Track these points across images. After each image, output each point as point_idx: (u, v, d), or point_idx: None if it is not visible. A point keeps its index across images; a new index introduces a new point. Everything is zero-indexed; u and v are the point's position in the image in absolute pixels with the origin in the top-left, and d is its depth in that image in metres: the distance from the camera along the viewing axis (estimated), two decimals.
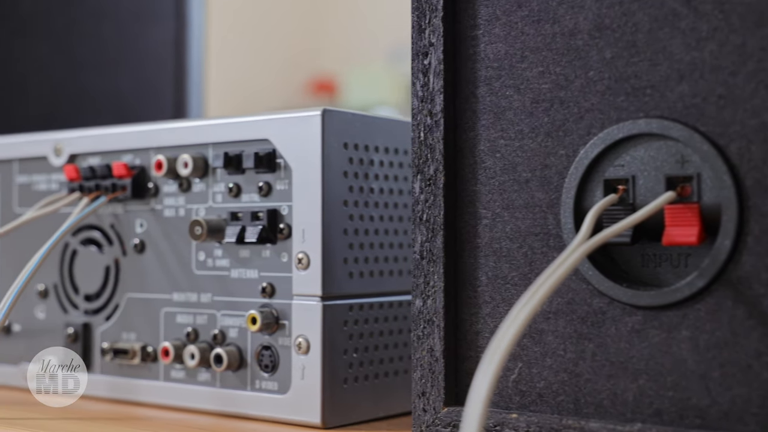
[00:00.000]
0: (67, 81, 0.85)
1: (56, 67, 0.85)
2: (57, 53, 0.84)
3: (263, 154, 0.50)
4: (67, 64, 0.85)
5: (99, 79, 0.88)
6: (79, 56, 0.86)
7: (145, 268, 0.56)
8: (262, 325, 0.50)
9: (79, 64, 0.86)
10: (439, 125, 0.44)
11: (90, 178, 0.57)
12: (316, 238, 0.48)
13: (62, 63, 0.85)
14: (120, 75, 0.89)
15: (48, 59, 0.84)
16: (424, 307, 0.44)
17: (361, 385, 0.50)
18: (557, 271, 0.36)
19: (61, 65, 0.85)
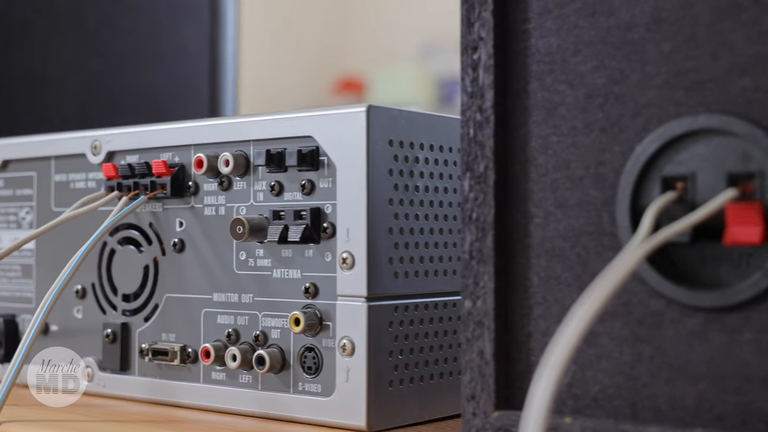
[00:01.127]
0: (102, 79, 0.85)
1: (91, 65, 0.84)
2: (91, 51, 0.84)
3: (306, 152, 0.49)
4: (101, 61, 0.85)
5: (133, 76, 0.87)
6: (113, 54, 0.86)
7: (185, 268, 0.55)
8: (306, 326, 0.49)
9: (113, 61, 0.86)
10: (489, 121, 0.43)
11: (128, 177, 0.56)
12: (361, 238, 0.47)
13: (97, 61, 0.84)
14: (155, 72, 0.89)
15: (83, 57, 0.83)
16: (473, 308, 0.43)
17: (406, 387, 0.49)
18: (618, 271, 0.35)
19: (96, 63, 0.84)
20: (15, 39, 0.79)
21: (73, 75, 0.83)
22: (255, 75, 2.91)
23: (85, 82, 0.84)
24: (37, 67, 0.81)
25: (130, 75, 0.87)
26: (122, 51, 0.86)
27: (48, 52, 0.81)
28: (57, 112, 0.82)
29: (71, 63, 0.83)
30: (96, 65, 0.85)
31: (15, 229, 0.63)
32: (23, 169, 0.63)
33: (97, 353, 0.58)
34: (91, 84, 0.84)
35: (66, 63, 0.82)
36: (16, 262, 0.63)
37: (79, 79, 0.83)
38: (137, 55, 0.87)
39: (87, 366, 0.58)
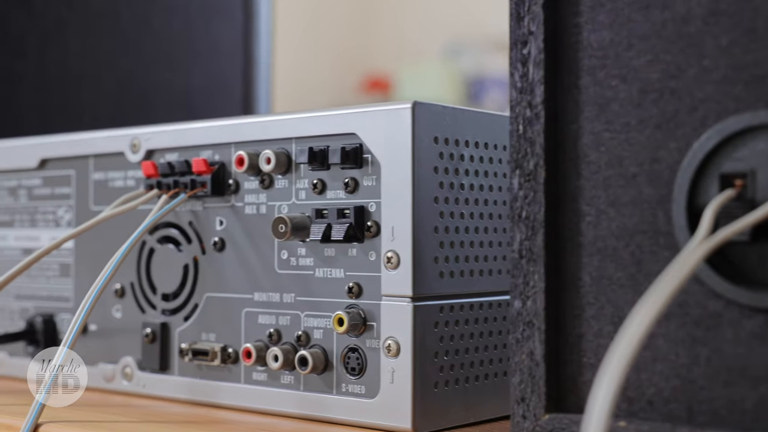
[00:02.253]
0: (136, 77, 0.85)
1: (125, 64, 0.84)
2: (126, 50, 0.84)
3: (350, 149, 0.49)
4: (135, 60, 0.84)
5: (167, 75, 0.87)
6: (147, 53, 0.85)
7: (225, 267, 0.54)
8: (349, 327, 0.48)
9: (147, 60, 0.85)
10: (540, 117, 0.42)
11: (168, 175, 0.56)
12: (406, 237, 0.47)
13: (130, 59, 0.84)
14: (188, 71, 0.88)
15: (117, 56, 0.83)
16: (523, 308, 0.42)
17: (451, 389, 0.48)
18: (678, 273, 0.34)
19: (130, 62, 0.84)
20: (51, 38, 0.79)
21: (107, 74, 0.83)
22: (281, 74, 2.91)
23: (119, 80, 0.83)
24: (72, 66, 0.80)
25: (164, 74, 0.86)
26: (156, 50, 0.86)
27: (83, 51, 0.81)
28: (91, 111, 0.81)
29: (106, 62, 0.83)
30: (130, 64, 0.84)
31: (53, 227, 0.63)
32: (61, 168, 0.63)
33: (136, 353, 0.58)
34: (125, 83, 0.84)
35: (100, 62, 0.82)
36: (54, 261, 0.62)
37: (113, 77, 0.83)
38: (171, 54, 0.87)
39: (126, 366, 0.58)
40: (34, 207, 0.64)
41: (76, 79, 0.81)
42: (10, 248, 0.65)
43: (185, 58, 0.88)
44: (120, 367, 0.58)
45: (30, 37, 0.77)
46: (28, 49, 0.77)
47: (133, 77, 0.84)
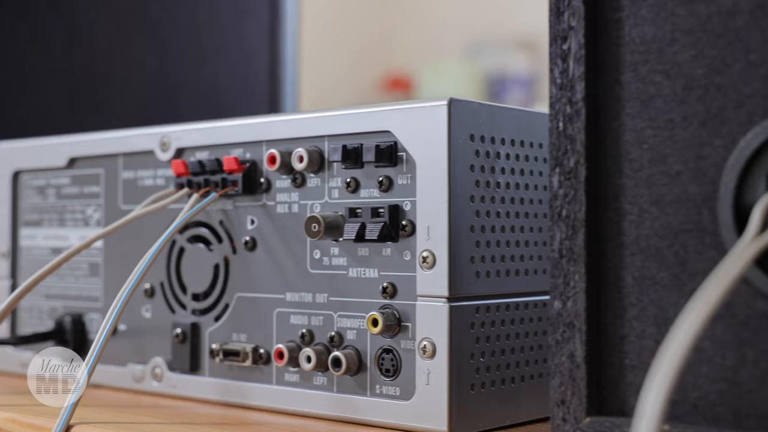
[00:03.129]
0: (162, 76, 0.84)
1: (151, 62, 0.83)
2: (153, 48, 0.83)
3: (384, 147, 0.48)
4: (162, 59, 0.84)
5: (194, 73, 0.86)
6: (174, 51, 0.85)
7: (256, 267, 0.53)
8: (384, 327, 0.47)
9: (174, 58, 0.85)
10: (580, 114, 0.41)
11: (199, 173, 0.55)
12: (442, 236, 0.46)
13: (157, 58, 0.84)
14: (215, 69, 0.88)
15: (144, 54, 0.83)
16: (563, 309, 0.41)
17: (488, 391, 0.47)
18: (728, 274, 0.33)
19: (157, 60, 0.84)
20: (79, 36, 0.78)
21: (134, 72, 0.82)
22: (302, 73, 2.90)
23: (146, 79, 0.83)
24: (99, 64, 0.80)
25: (191, 72, 0.86)
26: (183, 48, 0.85)
27: (110, 49, 0.80)
28: (118, 109, 0.81)
29: (132, 60, 0.82)
30: (157, 62, 0.84)
31: (82, 227, 0.63)
32: (90, 167, 0.62)
33: (166, 353, 0.57)
34: (152, 81, 0.83)
35: (127, 60, 0.82)
36: (83, 261, 0.62)
37: (140, 76, 0.83)
38: (198, 53, 0.87)
39: (156, 366, 0.57)
40: (63, 206, 0.64)
41: (104, 78, 0.80)
42: (39, 247, 0.65)
43: (212, 57, 0.88)
44: (150, 367, 0.58)
45: (58, 35, 0.77)
46: (55, 47, 0.77)
47: (160, 75, 0.84)
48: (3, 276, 0.66)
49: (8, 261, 0.66)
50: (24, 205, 0.66)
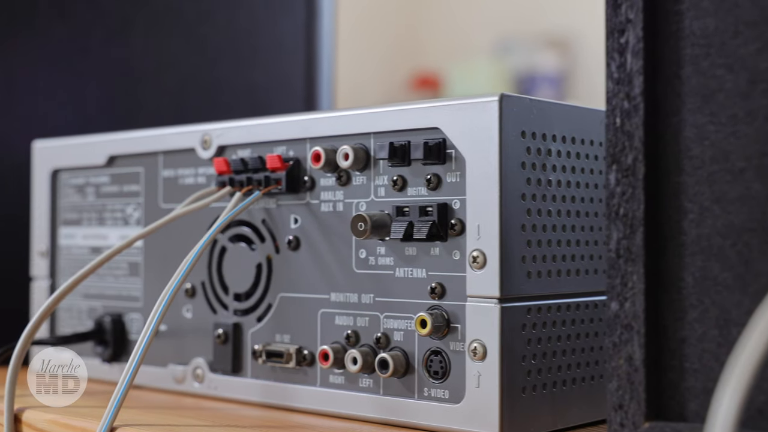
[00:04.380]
0: (198, 74, 0.83)
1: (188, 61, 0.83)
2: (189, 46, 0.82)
3: (432, 144, 0.47)
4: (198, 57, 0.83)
5: (230, 71, 0.85)
6: (210, 49, 0.84)
7: (300, 267, 0.53)
8: (432, 329, 0.46)
9: (210, 57, 0.84)
10: (638, 110, 0.40)
11: (241, 171, 0.54)
12: (493, 235, 0.45)
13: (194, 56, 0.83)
14: (251, 67, 0.87)
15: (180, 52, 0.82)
16: (621, 310, 0.40)
17: (539, 394, 0.46)
18: None
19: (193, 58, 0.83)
20: (115, 35, 0.78)
21: (170, 71, 0.81)
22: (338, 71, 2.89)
23: (182, 77, 0.82)
24: (136, 63, 0.79)
25: (227, 70, 0.85)
26: (219, 46, 0.85)
27: (147, 48, 0.80)
28: (155, 108, 0.80)
29: (169, 59, 0.81)
30: (193, 61, 0.83)
31: (122, 226, 0.62)
32: (130, 165, 0.61)
33: (208, 354, 0.56)
34: (188, 80, 0.83)
35: (164, 59, 0.81)
36: (123, 260, 0.61)
37: (177, 74, 0.82)
38: (234, 51, 0.86)
39: (197, 367, 0.57)
40: (102, 205, 0.63)
41: (140, 77, 0.80)
42: (78, 247, 0.64)
43: (248, 55, 0.87)
44: (191, 368, 0.57)
45: (95, 34, 0.77)
46: (92, 46, 0.76)
47: (197, 74, 0.83)
48: (42, 275, 0.66)
49: (47, 260, 0.66)
50: (63, 204, 0.66)
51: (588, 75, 2.88)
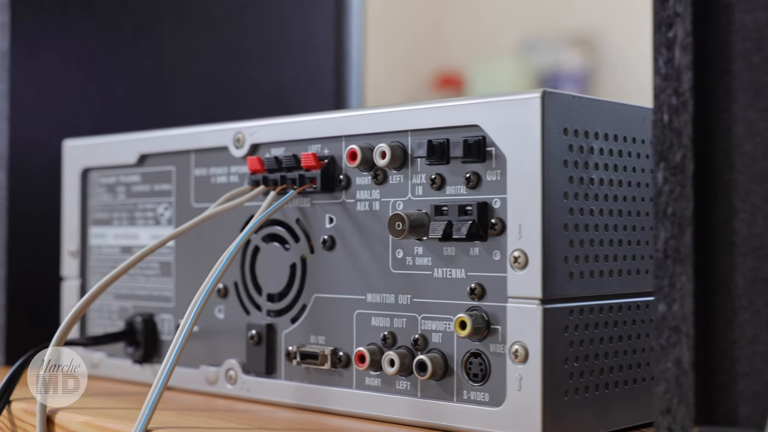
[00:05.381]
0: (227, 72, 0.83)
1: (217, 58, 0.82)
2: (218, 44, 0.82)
3: (472, 142, 0.46)
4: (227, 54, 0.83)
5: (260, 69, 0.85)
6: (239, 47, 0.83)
7: (335, 267, 0.52)
8: (472, 330, 0.45)
9: (239, 54, 0.83)
10: (687, 106, 0.39)
11: (275, 170, 0.53)
12: (535, 235, 0.44)
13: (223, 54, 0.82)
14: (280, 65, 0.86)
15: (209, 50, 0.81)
16: (669, 312, 0.39)
17: (581, 397, 0.45)
18: None
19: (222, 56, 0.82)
20: (146, 33, 0.77)
21: (199, 68, 0.81)
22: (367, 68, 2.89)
23: (211, 75, 0.82)
24: (165, 61, 0.79)
25: (256, 68, 0.84)
26: (248, 44, 0.84)
27: (176, 45, 0.79)
28: (184, 106, 0.80)
29: (198, 56, 0.81)
30: (222, 58, 0.82)
31: (153, 225, 0.61)
32: (161, 164, 0.61)
33: (241, 355, 0.56)
34: (217, 77, 0.82)
35: (193, 56, 0.81)
36: (154, 260, 0.61)
37: (205, 72, 0.81)
38: (263, 48, 0.85)
39: (230, 368, 0.56)
40: (133, 204, 0.62)
41: (169, 74, 0.79)
42: (109, 246, 0.64)
43: (277, 52, 0.86)
44: (223, 369, 0.56)
45: (124, 32, 0.76)
46: (122, 44, 0.76)
47: (226, 72, 0.83)
48: (72, 275, 0.65)
49: (77, 260, 0.65)
50: (93, 204, 0.65)
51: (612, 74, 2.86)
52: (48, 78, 0.72)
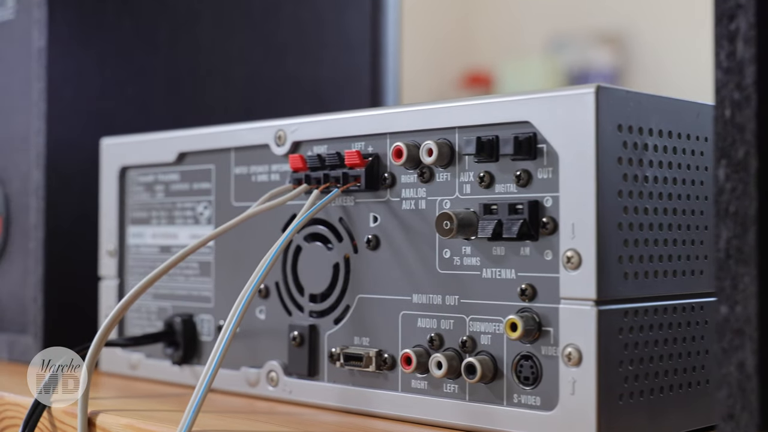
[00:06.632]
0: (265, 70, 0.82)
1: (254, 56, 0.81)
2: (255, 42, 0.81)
3: (523, 139, 0.45)
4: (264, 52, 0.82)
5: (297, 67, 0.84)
6: (276, 44, 0.82)
7: (380, 267, 0.51)
8: (523, 332, 0.44)
9: (276, 52, 0.83)
10: (750, 101, 0.37)
11: (317, 168, 0.52)
12: (589, 234, 0.42)
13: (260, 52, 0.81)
14: (317, 63, 0.85)
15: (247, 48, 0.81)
16: (731, 314, 0.38)
17: (636, 401, 0.44)
18: None
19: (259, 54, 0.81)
20: (183, 30, 0.77)
21: (236, 66, 0.80)
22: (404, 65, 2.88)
23: (247, 73, 0.81)
24: (202, 58, 0.78)
25: (293, 66, 0.84)
26: (285, 41, 0.83)
27: (213, 44, 0.79)
28: (221, 105, 0.79)
29: (235, 54, 0.80)
30: (258, 56, 0.82)
31: (192, 224, 0.60)
32: (201, 162, 0.60)
33: (282, 357, 0.55)
34: (254, 75, 0.81)
35: (230, 54, 0.80)
36: (194, 260, 0.60)
37: (242, 70, 0.81)
38: (300, 46, 0.84)
39: (271, 370, 0.55)
40: (172, 203, 0.62)
41: (206, 72, 0.78)
42: (147, 246, 0.63)
43: (314, 49, 0.85)
44: (265, 371, 0.55)
45: (161, 29, 0.75)
46: (159, 42, 0.75)
47: (263, 70, 0.82)
48: (110, 275, 0.65)
49: (115, 260, 0.64)
50: (131, 202, 0.64)
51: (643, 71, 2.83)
52: (85, 76, 0.71)
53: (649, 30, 2.81)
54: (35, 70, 0.69)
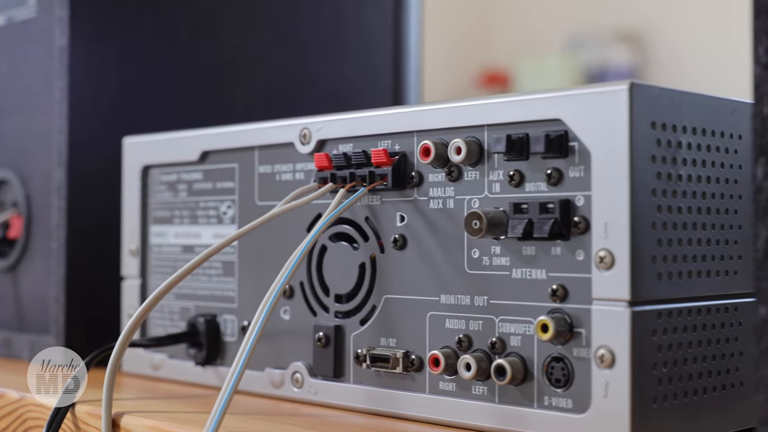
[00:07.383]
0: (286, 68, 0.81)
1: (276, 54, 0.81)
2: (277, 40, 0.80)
3: (554, 137, 0.44)
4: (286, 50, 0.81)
5: (319, 65, 0.83)
6: (298, 42, 0.82)
7: (407, 267, 0.50)
8: (555, 333, 0.43)
9: (298, 50, 0.82)
10: None
11: (343, 167, 0.52)
12: (622, 234, 0.42)
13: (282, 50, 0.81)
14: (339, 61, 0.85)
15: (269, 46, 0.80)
16: None
17: (670, 404, 0.43)
18: None
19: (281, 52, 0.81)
20: (206, 28, 0.76)
21: (258, 65, 0.79)
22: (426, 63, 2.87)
23: (269, 71, 0.80)
24: (224, 57, 0.78)
25: (315, 64, 0.83)
26: (306, 40, 0.83)
27: (236, 42, 0.78)
28: (241, 103, 0.79)
29: (256, 52, 0.80)
30: (280, 54, 0.81)
31: (215, 224, 0.60)
32: (224, 161, 0.59)
33: (307, 358, 0.54)
34: (276, 73, 0.81)
35: (252, 53, 0.79)
36: (217, 260, 0.59)
37: (264, 68, 0.80)
38: (322, 44, 0.84)
39: (296, 371, 0.54)
40: (195, 202, 0.61)
41: (228, 71, 0.78)
42: (170, 245, 0.63)
43: (336, 47, 0.85)
44: (289, 372, 0.55)
45: (183, 27, 0.75)
46: (181, 40, 0.75)
47: (284, 68, 0.81)
48: (133, 275, 0.64)
49: (138, 259, 0.64)
50: (154, 202, 0.64)
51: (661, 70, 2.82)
52: (107, 75, 0.71)
53: (668, 28, 2.80)
54: (57, 69, 0.69)
